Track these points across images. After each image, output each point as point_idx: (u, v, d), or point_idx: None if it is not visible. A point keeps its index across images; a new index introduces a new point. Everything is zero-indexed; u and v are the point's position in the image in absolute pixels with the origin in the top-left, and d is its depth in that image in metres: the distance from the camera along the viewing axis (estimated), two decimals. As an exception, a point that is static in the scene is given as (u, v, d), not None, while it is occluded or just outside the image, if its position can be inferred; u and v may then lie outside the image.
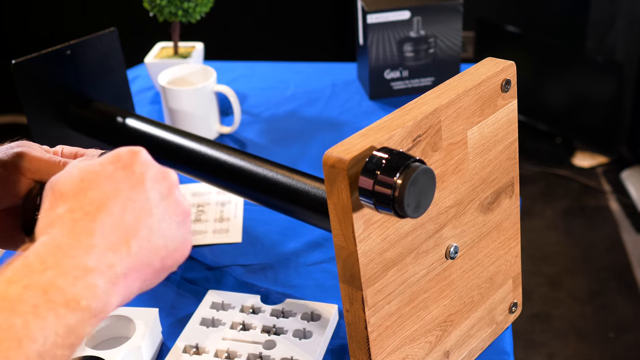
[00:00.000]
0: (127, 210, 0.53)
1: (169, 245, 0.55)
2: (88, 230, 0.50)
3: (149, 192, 0.54)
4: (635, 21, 2.47)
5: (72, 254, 0.49)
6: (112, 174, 0.54)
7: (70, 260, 0.48)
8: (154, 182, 0.55)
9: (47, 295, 0.46)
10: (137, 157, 0.56)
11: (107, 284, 0.49)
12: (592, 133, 2.63)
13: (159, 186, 0.55)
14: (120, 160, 0.55)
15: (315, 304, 0.89)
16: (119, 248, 0.51)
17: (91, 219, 0.51)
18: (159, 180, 0.56)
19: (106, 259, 0.50)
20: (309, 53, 2.59)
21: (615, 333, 1.98)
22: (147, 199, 0.54)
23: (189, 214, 0.58)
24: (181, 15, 1.32)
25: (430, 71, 1.37)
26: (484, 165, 0.74)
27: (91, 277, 0.49)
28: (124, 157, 0.56)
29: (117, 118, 1.06)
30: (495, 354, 0.84)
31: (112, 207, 0.52)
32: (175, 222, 0.56)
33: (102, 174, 0.54)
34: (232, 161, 0.91)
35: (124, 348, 0.80)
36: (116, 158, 0.56)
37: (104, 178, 0.54)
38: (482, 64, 0.73)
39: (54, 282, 0.47)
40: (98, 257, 0.50)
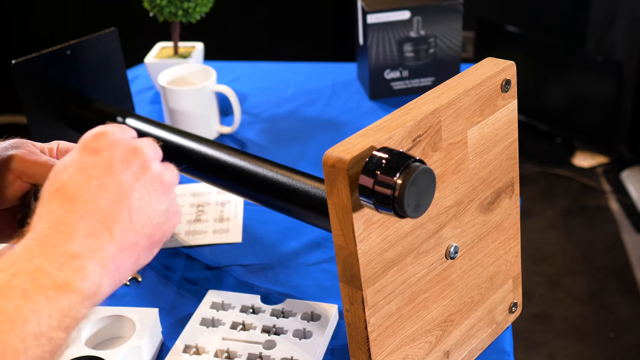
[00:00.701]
0: (102, 196, 0.53)
1: (153, 221, 0.55)
2: (66, 220, 0.51)
3: (120, 174, 0.54)
4: (635, 21, 2.47)
5: (55, 242, 0.50)
6: (81, 162, 0.54)
7: (54, 248, 0.49)
8: (124, 162, 0.55)
9: (36, 281, 0.47)
10: (103, 139, 0.56)
11: (96, 267, 0.50)
12: (592, 133, 2.63)
13: (130, 166, 0.55)
14: (87, 146, 0.56)
15: (315, 304, 0.89)
16: (101, 233, 0.52)
17: (67, 209, 0.52)
18: (129, 160, 0.55)
19: (90, 244, 0.51)
20: (309, 53, 2.59)
21: (615, 333, 1.98)
22: (120, 181, 0.54)
23: (170, 185, 0.57)
24: (181, 15, 1.32)
25: (430, 71, 1.37)
26: (484, 165, 0.74)
27: (78, 261, 0.50)
28: (90, 143, 0.56)
29: (117, 118, 1.06)
30: (495, 354, 0.84)
31: (85, 195, 0.52)
32: (156, 196, 0.55)
33: (71, 165, 0.54)
34: (232, 161, 0.91)
35: (124, 348, 0.80)
36: (83, 145, 0.56)
37: (73, 168, 0.54)
38: (482, 64, 0.73)
39: (40, 268, 0.48)
40: (81, 243, 0.50)
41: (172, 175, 0.58)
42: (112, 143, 0.56)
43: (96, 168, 0.54)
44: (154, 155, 0.58)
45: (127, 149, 0.56)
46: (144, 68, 1.51)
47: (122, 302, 0.92)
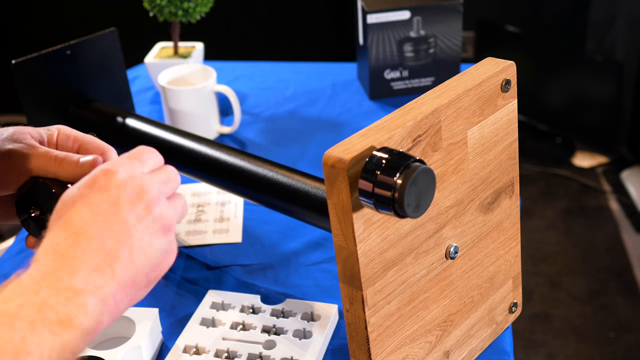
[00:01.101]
0: (106, 234, 0.55)
1: (151, 261, 0.57)
2: (71, 254, 0.53)
3: (125, 213, 0.56)
4: (635, 21, 2.47)
5: (61, 276, 0.51)
6: (89, 198, 0.56)
7: (60, 282, 0.51)
8: (130, 203, 0.57)
9: (42, 313, 0.49)
10: (112, 178, 0.57)
11: (97, 303, 0.52)
12: (592, 133, 2.63)
13: (136, 207, 0.57)
14: (96, 182, 0.57)
15: (315, 304, 0.89)
16: (104, 270, 0.53)
17: (72, 243, 0.54)
18: (135, 200, 0.57)
19: (93, 281, 0.52)
20: (309, 53, 2.59)
21: (615, 333, 1.98)
22: (125, 221, 0.56)
23: (171, 226, 0.59)
24: (181, 15, 1.32)
25: (430, 71, 1.37)
26: (484, 165, 0.74)
27: (81, 297, 0.51)
28: (99, 179, 0.57)
29: (117, 118, 1.06)
30: (495, 354, 0.84)
31: (90, 232, 0.54)
32: (156, 238, 0.58)
33: (79, 199, 0.56)
34: (232, 161, 0.91)
35: (124, 348, 0.80)
36: (92, 180, 0.57)
37: (81, 203, 0.56)
38: (482, 64, 0.73)
39: (47, 301, 0.50)
40: (84, 278, 0.52)
41: (175, 213, 0.60)
42: (121, 183, 0.57)
43: (103, 206, 0.56)
44: (160, 195, 0.59)
45: (134, 190, 0.57)
46: (144, 68, 1.51)
47: (122, 302, 0.92)
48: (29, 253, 1.04)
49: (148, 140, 1.01)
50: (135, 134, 1.03)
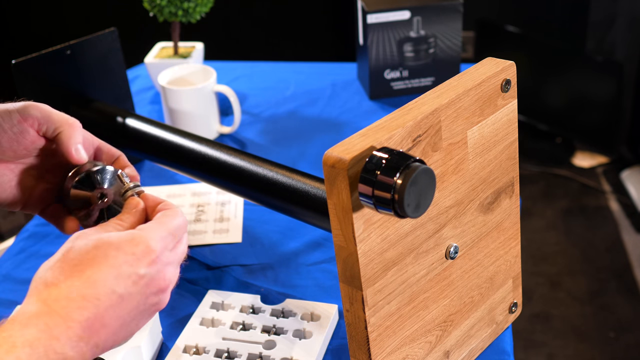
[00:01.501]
0: (113, 308, 0.57)
1: (128, 337, 0.60)
2: (78, 318, 0.55)
3: (139, 295, 0.59)
4: (635, 21, 2.47)
5: (61, 340, 0.54)
6: (120, 267, 0.58)
7: (57, 343, 0.54)
8: (148, 287, 0.59)
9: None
10: (149, 258, 0.59)
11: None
12: (592, 133, 2.63)
13: (149, 291, 0.59)
14: (135, 254, 0.59)
15: (315, 304, 0.89)
16: (92, 340, 0.56)
17: (84, 306, 0.56)
18: (153, 285, 0.60)
19: (81, 349, 0.55)
20: (309, 53, 2.59)
21: (615, 333, 1.98)
22: (133, 301, 0.58)
23: (160, 309, 0.62)
24: (181, 15, 1.32)
25: (430, 71, 1.37)
26: (484, 165, 0.74)
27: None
28: (138, 252, 0.59)
29: (117, 118, 1.06)
30: (495, 354, 0.84)
31: (104, 302, 0.56)
32: (145, 318, 0.61)
33: (111, 262, 0.58)
34: (232, 161, 0.91)
35: (124, 348, 0.80)
36: (132, 250, 0.59)
37: (110, 268, 0.58)
38: (482, 64, 0.73)
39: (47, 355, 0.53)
40: (75, 345, 0.55)
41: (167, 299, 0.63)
42: (152, 265, 0.60)
43: (128, 282, 0.58)
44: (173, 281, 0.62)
45: (157, 274, 0.60)
46: (144, 68, 1.51)
47: (122, 302, 0.92)
48: (29, 253, 1.04)
49: (148, 141, 1.01)
50: (135, 134, 1.03)
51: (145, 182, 1.17)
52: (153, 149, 1.01)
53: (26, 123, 0.72)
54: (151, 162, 1.07)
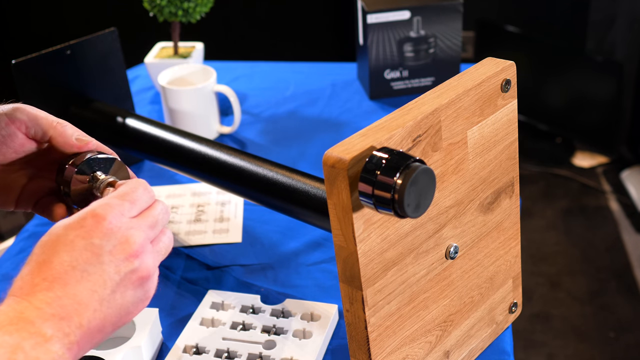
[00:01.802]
0: (81, 283, 0.56)
1: (121, 312, 0.58)
2: (45, 298, 0.54)
3: (105, 265, 0.57)
4: (635, 21, 2.47)
5: (33, 321, 0.53)
6: (73, 242, 0.57)
7: (31, 326, 0.53)
8: (112, 254, 0.58)
9: (15, 355, 0.51)
10: (100, 225, 0.58)
11: (62, 349, 0.54)
12: (592, 133, 2.63)
13: (116, 258, 0.58)
14: (84, 225, 0.58)
15: (315, 304, 0.89)
16: (73, 318, 0.55)
17: (47, 287, 0.55)
18: (118, 251, 0.58)
19: (62, 328, 0.54)
20: (309, 53, 2.59)
21: (615, 333, 1.98)
22: (102, 272, 0.57)
23: (149, 276, 0.60)
24: (181, 15, 1.32)
25: (430, 71, 1.37)
26: (484, 165, 0.74)
27: (49, 344, 0.53)
28: (87, 222, 0.58)
29: (117, 118, 1.06)
30: (495, 354, 0.84)
31: (67, 279, 0.55)
32: (131, 289, 0.59)
33: (63, 241, 0.57)
34: (232, 161, 0.91)
35: (124, 348, 0.80)
36: (79, 223, 0.58)
37: (64, 245, 0.57)
38: (482, 64, 0.73)
39: (21, 344, 0.52)
40: (54, 325, 0.54)
41: (158, 257, 0.61)
42: (107, 232, 0.58)
43: (85, 254, 0.57)
44: (145, 245, 0.60)
45: (118, 241, 0.58)
46: (144, 68, 1.51)
47: (122, 302, 0.92)
48: (29, 253, 1.04)
49: (148, 141, 1.01)
50: (135, 134, 1.03)
51: (145, 182, 1.17)
52: (153, 149, 1.01)
53: (14, 126, 0.71)
54: (151, 162, 1.07)
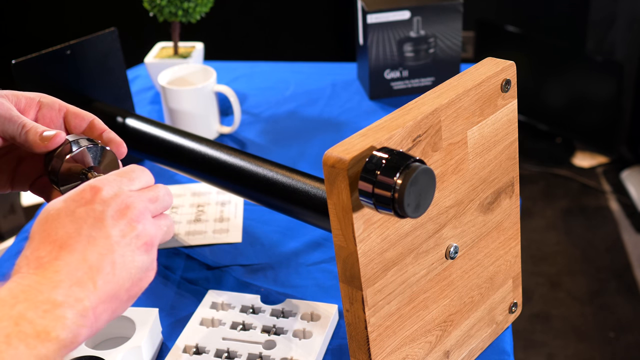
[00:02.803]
0: (89, 248, 0.55)
1: (133, 277, 0.57)
2: (53, 268, 0.53)
3: (109, 229, 0.57)
4: (635, 21, 2.47)
5: (41, 289, 0.52)
6: (74, 212, 0.57)
7: (39, 294, 0.51)
8: (114, 219, 0.58)
9: (19, 327, 0.49)
10: (99, 194, 0.58)
11: (76, 316, 0.52)
12: (592, 133, 2.63)
13: (119, 223, 0.58)
14: (83, 197, 0.58)
15: (315, 304, 0.89)
16: (85, 283, 0.54)
17: (55, 256, 0.54)
18: (119, 216, 0.58)
19: (73, 294, 0.53)
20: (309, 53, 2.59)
21: (615, 333, 1.98)
22: (108, 236, 0.57)
23: (152, 243, 0.60)
24: (181, 15, 1.32)
25: (430, 71, 1.37)
26: (484, 165, 0.74)
27: (60, 310, 0.52)
28: (86, 194, 0.58)
29: (117, 118, 1.06)
30: (495, 354, 0.84)
31: (74, 245, 0.55)
32: (138, 254, 0.58)
33: (64, 212, 0.57)
34: (232, 161, 0.91)
35: (124, 348, 0.80)
36: (79, 195, 0.58)
37: (65, 216, 0.57)
38: (482, 64, 0.73)
39: (24, 315, 0.50)
40: (65, 292, 0.52)
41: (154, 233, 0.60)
42: (106, 199, 0.58)
43: (88, 220, 0.57)
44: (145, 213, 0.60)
45: (119, 206, 0.58)
46: (144, 68, 1.51)
47: (122, 302, 0.92)
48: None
49: (148, 141, 1.01)
50: (135, 134, 1.03)
51: (145, 182, 1.17)
52: (153, 149, 1.01)
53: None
54: (151, 162, 1.07)
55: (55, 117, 0.73)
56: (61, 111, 0.73)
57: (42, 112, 0.72)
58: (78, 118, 0.74)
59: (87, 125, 0.74)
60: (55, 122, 0.73)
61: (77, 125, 0.74)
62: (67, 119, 0.74)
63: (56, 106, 0.73)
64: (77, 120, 0.74)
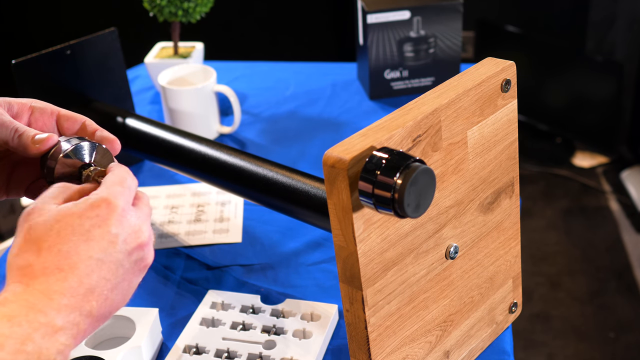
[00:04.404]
0: (95, 272, 0.56)
1: (125, 299, 0.59)
2: (60, 290, 0.54)
3: (119, 253, 0.58)
4: (635, 21, 2.47)
5: (45, 311, 0.53)
6: (88, 232, 0.57)
7: (43, 316, 0.53)
8: (126, 243, 0.58)
9: (24, 346, 0.51)
10: (114, 213, 0.58)
11: (69, 339, 0.54)
12: (592, 133, 2.63)
13: (129, 246, 0.58)
14: (99, 215, 0.58)
15: (315, 304, 0.89)
16: (83, 307, 0.55)
17: (63, 277, 0.55)
18: (131, 240, 0.59)
19: (72, 318, 0.54)
20: (309, 53, 2.59)
21: (615, 333, 1.98)
22: (116, 260, 0.57)
23: (149, 264, 0.61)
24: (181, 15, 1.32)
25: (430, 71, 1.37)
26: (484, 165, 0.74)
27: (59, 335, 0.53)
28: (102, 212, 0.58)
29: (117, 118, 1.06)
30: (495, 354, 0.84)
31: (82, 269, 0.56)
32: (137, 277, 0.59)
33: (78, 230, 0.57)
34: (232, 161, 0.91)
35: (124, 348, 0.80)
36: (94, 212, 0.58)
37: (79, 235, 0.57)
38: (482, 64, 0.73)
39: (31, 335, 0.51)
40: (65, 316, 0.54)
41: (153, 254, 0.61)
42: (122, 220, 0.58)
43: (102, 243, 0.57)
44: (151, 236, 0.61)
45: (132, 229, 0.59)
46: (144, 68, 1.51)
47: (122, 302, 0.92)
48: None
49: (148, 141, 1.01)
50: (135, 134, 1.03)
51: (146, 182, 1.17)
52: (153, 149, 1.01)
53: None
54: (151, 162, 1.07)
55: (47, 121, 0.73)
56: (53, 115, 0.74)
57: (34, 116, 0.73)
58: (70, 120, 0.74)
59: (80, 127, 0.74)
60: (48, 126, 0.73)
61: (70, 127, 0.74)
62: (60, 122, 0.74)
63: (48, 110, 0.73)
64: (69, 123, 0.74)
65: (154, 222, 1.08)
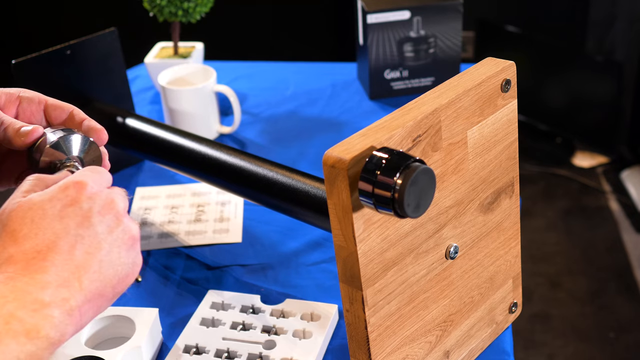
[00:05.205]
0: (77, 247, 0.56)
1: (119, 273, 0.58)
2: (41, 268, 0.54)
3: (96, 226, 0.57)
4: (635, 21, 2.47)
5: (29, 290, 0.53)
6: (61, 212, 0.57)
7: (27, 295, 0.52)
8: (101, 215, 0.58)
9: (9, 325, 0.50)
10: (84, 191, 0.58)
11: (63, 315, 0.53)
12: (592, 133, 2.63)
13: (106, 218, 0.58)
14: (68, 195, 0.58)
15: (315, 304, 0.89)
16: (72, 283, 0.55)
17: (43, 257, 0.55)
18: (106, 212, 0.58)
19: (60, 294, 0.54)
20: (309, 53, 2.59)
21: (615, 333, 1.98)
22: (95, 234, 0.57)
23: (137, 238, 0.60)
24: (181, 15, 1.32)
25: (430, 71, 1.37)
26: (484, 165, 0.74)
27: (48, 309, 0.53)
28: (71, 192, 0.58)
29: (117, 118, 1.06)
30: (495, 354, 0.84)
31: (62, 246, 0.55)
32: (124, 250, 0.59)
33: (50, 212, 0.57)
34: (232, 161, 0.91)
35: (124, 348, 0.80)
36: (63, 193, 0.58)
37: (52, 216, 0.57)
38: (482, 64, 0.73)
39: (14, 314, 0.51)
40: (52, 292, 0.53)
41: (138, 228, 0.61)
42: (92, 195, 0.59)
43: (75, 219, 0.57)
44: (125, 208, 0.61)
45: (104, 202, 0.59)
46: (144, 68, 1.51)
47: (122, 302, 0.92)
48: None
49: (148, 141, 1.01)
50: (135, 134, 1.03)
51: (146, 182, 1.17)
52: (153, 149, 1.01)
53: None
54: (151, 162, 1.07)
55: (35, 111, 0.74)
56: (41, 104, 0.74)
57: (22, 106, 0.73)
58: (58, 110, 0.74)
59: (67, 116, 0.75)
60: (36, 116, 0.74)
61: (57, 116, 0.74)
62: (47, 111, 0.74)
63: (36, 100, 0.74)
64: (56, 112, 0.74)
65: (154, 222, 1.08)
